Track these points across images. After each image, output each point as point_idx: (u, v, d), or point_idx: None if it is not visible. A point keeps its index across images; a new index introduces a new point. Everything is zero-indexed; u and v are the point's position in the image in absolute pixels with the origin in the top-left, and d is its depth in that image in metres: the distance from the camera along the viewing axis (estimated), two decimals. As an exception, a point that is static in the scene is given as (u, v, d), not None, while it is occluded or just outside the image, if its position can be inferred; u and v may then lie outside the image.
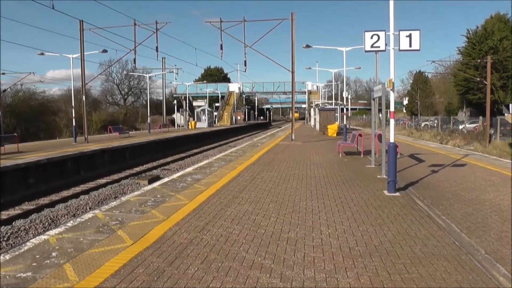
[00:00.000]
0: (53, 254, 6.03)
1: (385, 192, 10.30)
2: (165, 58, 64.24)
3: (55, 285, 4.95)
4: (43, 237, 6.84)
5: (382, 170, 12.84)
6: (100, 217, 8.11)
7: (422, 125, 55.86)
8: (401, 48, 10.37)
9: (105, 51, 31.24)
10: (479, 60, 48.13)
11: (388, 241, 6.55)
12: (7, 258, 5.90)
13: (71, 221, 7.77)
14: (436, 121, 51.71)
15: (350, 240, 6.60)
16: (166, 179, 12.46)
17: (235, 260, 5.79)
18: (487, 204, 9.04)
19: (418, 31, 10.28)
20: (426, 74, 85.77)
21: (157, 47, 33.02)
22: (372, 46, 10.63)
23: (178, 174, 13.51)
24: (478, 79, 45.74)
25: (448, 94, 77.41)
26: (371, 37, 10.57)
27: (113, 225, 7.50)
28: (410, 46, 10.29)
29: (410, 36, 10.27)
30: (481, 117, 43.12)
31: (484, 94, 47.16)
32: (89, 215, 8.26)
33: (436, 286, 4.84)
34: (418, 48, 10.29)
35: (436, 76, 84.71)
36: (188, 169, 14.65)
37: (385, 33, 10.53)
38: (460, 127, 46.38)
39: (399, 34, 10.34)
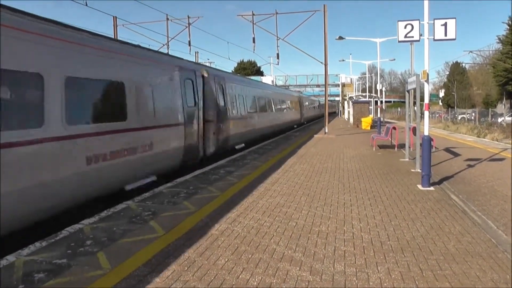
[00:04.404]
0: (87, 242, 6.17)
1: (419, 186, 10.14)
2: (198, 52, 64.53)
3: (89, 272, 5.07)
4: (78, 226, 7.00)
5: (416, 164, 12.63)
6: (133, 207, 8.24)
7: (459, 118, 54.60)
8: (436, 38, 10.12)
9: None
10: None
11: (421, 236, 6.45)
12: (44, 245, 6.06)
13: (105, 211, 7.93)
14: (473, 114, 50.42)
15: (381, 235, 6.53)
16: (197, 172, 12.55)
17: (266, 252, 5.81)
18: (525, 200, 8.80)
19: (454, 19, 10.00)
20: (463, 65, 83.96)
21: (189, 42, 33.20)
22: (405, 36, 10.42)
23: (210, 166, 13.59)
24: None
25: (486, 86, 75.55)
26: (405, 27, 10.36)
27: (146, 216, 7.62)
28: (446, 35, 10.04)
29: (445, 25, 10.01)
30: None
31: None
32: (122, 205, 8.41)
33: (470, 285, 4.75)
34: (454, 37, 10.02)
35: (473, 67, 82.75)
36: (221, 162, 14.72)
37: (419, 22, 10.31)
38: (499, 120, 45.10)
39: (433, 23, 10.11)
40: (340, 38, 33.29)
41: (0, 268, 5.22)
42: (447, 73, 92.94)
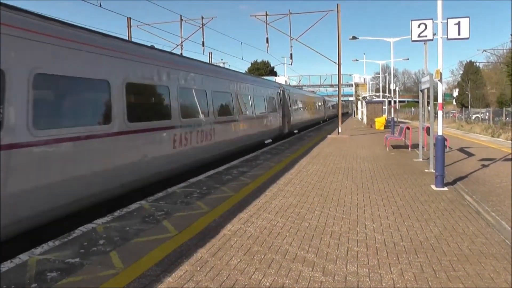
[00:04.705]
0: (100, 242, 6.23)
1: (433, 186, 10.08)
2: (211, 52, 64.70)
3: (101, 272, 5.12)
4: (90, 225, 7.07)
5: (430, 164, 12.55)
6: (146, 207, 8.30)
7: (473, 117, 54.15)
8: (449, 37, 10.05)
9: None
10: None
11: (434, 237, 6.41)
12: (56, 244, 6.13)
13: (118, 211, 8.00)
14: (487, 114, 49.98)
15: (395, 235, 6.50)
16: (211, 172, 12.59)
17: (278, 252, 5.82)
18: (540, 200, 8.70)
19: (468, 18, 9.93)
20: (477, 64, 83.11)
21: (203, 42, 33.31)
22: (419, 36, 10.36)
23: (224, 167, 13.63)
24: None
25: (500, 85, 74.63)
26: (418, 26, 10.31)
27: (159, 215, 7.66)
28: (459, 34, 9.96)
29: (459, 24, 9.94)
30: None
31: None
32: (135, 205, 8.47)
33: (484, 286, 4.71)
34: (468, 36, 9.95)
35: (487, 66, 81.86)
36: (234, 162, 14.75)
37: (433, 22, 10.25)
38: (514, 119, 44.64)
39: (447, 22, 10.04)
40: (354, 38, 33.16)
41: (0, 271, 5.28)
42: (461, 72, 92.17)
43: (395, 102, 43.29)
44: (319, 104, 50.52)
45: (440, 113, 10.47)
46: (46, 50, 7.17)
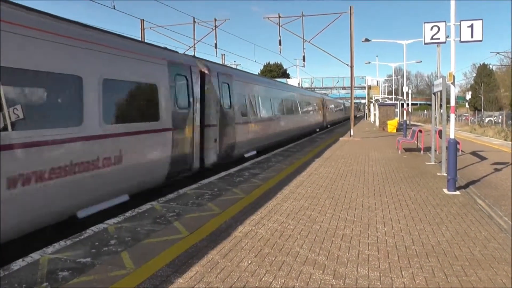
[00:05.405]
0: (112, 242, 6.27)
1: (445, 190, 10.01)
2: (224, 54, 64.82)
3: (112, 272, 5.16)
4: (102, 225, 7.12)
5: (442, 168, 12.47)
6: (157, 208, 8.33)
7: (486, 121, 53.58)
8: (462, 39, 9.98)
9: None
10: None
11: (446, 241, 6.37)
12: (68, 243, 6.18)
13: (130, 211, 8.04)
14: (500, 117, 49.47)
15: (406, 239, 6.47)
16: (223, 173, 12.62)
17: (289, 254, 5.82)
18: (554, 205, 8.61)
19: (481, 21, 9.84)
20: (491, 66, 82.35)
21: (216, 44, 33.38)
22: (432, 38, 10.31)
23: (235, 168, 13.65)
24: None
25: (514, 88, 73.89)
26: (431, 29, 10.26)
27: (170, 216, 7.69)
28: (472, 36, 9.88)
29: (472, 26, 9.86)
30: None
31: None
32: (147, 206, 8.51)
33: (496, 290, 4.68)
34: (481, 39, 9.86)
35: (501, 68, 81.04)
36: (246, 164, 14.77)
37: (446, 24, 10.19)
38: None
39: (460, 24, 9.97)
40: (366, 40, 32.99)
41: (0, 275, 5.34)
42: (474, 75, 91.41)
43: (407, 104, 43.07)
44: (311, 105, 34.59)
45: (452, 116, 10.40)
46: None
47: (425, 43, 10.43)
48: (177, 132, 10.81)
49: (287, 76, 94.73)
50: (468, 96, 71.95)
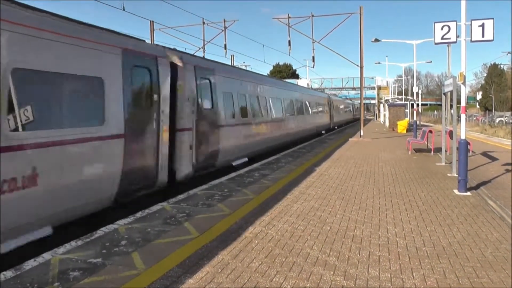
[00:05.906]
0: (122, 242, 6.30)
1: (455, 191, 9.96)
2: (233, 55, 64.93)
3: (123, 272, 5.18)
4: (113, 226, 7.15)
5: (452, 168, 12.40)
6: (167, 209, 8.36)
7: (497, 121, 53.26)
8: (473, 39, 9.92)
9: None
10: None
11: (457, 242, 6.34)
12: (79, 244, 6.22)
13: (140, 212, 8.07)
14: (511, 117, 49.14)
15: (417, 240, 6.44)
16: (233, 174, 12.63)
17: (299, 255, 5.82)
18: None
19: (492, 20, 9.78)
20: (502, 66, 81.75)
21: (225, 45, 33.49)
22: (442, 38, 10.27)
23: (245, 169, 13.66)
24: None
25: (525, 88, 73.39)
26: (441, 28, 10.22)
27: (180, 217, 7.71)
28: (483, 36, 9.82)
29: (483, 25, 9.81)
30: None
31: None
32: (157, 207, 8.54)
33: (508, 292, 4.65)
34: (492, 38, 9.80)
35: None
36: (255, 165, 14.77)
37: (456, 24, 10.14)
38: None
39: (471, 24, 9.92)
40: (376, 40, 32.85)
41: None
42: (485, 75, 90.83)
43: (417, 105, 42.84)
44: (315, 105, 32.39)
45: (463, 116, 10.34)
46: None
47: (436, 43, 10.40)
48: (132, 139, 8.62)
49: (296, 76, 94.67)
50: (479, 96, 71.47)
